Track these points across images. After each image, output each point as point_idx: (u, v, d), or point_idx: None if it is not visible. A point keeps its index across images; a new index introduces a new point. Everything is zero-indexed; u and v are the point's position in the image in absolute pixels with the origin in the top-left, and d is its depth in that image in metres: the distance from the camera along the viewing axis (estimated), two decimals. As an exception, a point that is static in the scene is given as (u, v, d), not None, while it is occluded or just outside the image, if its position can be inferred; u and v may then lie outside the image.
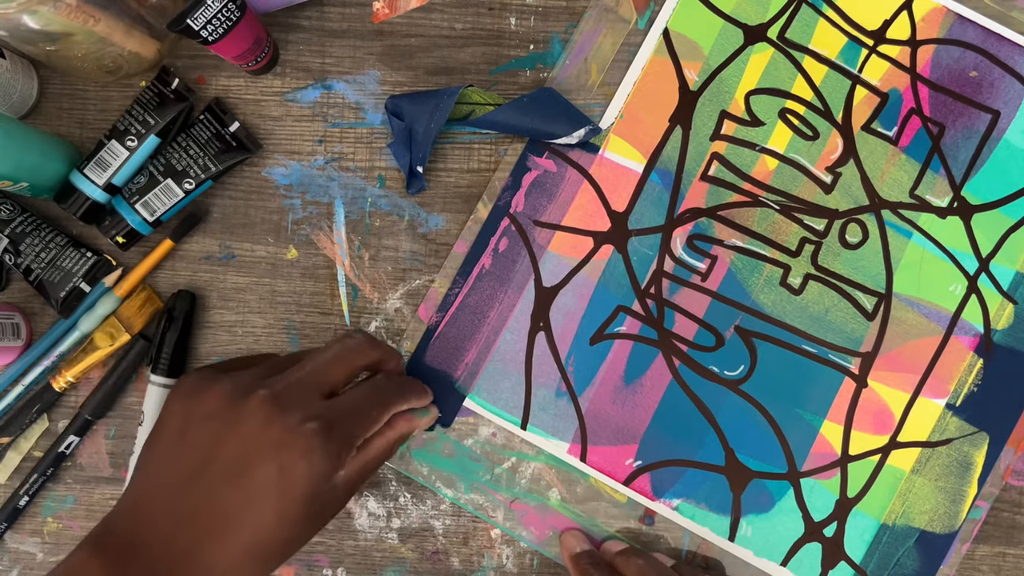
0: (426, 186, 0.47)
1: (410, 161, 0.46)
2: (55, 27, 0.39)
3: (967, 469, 0.46)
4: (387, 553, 0.47)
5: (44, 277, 0.45)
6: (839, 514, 0.46)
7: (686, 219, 0.47)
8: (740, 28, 0.47)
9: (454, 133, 0.48)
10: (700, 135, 0.47)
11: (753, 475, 0.46)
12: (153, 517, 0.36)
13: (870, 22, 0.47)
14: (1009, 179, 0.46)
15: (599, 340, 0.47)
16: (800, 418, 0.46)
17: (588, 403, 0.46)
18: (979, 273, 0.46)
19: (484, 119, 0.46)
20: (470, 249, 0.47)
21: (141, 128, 0.45)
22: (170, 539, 0.35)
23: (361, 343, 0.41)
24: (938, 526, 0.46)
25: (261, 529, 0.36)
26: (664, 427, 0.46)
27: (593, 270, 0.47)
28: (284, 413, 0.36)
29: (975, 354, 0.46)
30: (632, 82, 0.47)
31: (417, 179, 0.46)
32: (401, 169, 0.46)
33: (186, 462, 0.36)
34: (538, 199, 0.47)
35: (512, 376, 0.47)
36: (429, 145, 0.45)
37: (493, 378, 0.47)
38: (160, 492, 0.36)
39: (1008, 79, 0.47)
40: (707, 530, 0.46)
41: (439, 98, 0.45)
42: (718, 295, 0.46)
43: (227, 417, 0.37)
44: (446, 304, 0.47)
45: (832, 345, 0.46)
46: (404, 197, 0.48)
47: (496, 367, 0.47)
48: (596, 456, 0.46)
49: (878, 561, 0.46)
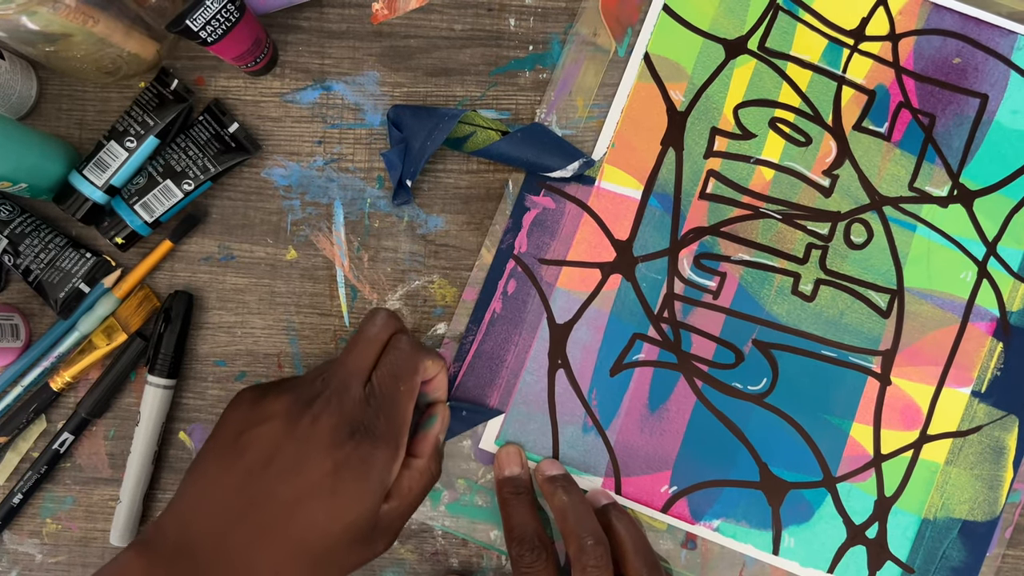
0: (411, 199, 0.47)
1: (401, 174, 0.45)
2: (54, 28, 0.39)
3: (1001, 454, 0.46)
4: (386, 554, 0.47)
5: (43, 278, 0.45)
6: (879, 515, 0.46)
7: (690, 239, 0.47)
8: (720, 43, 0.47)
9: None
10: (693, 154, 0.47)
11: (789, 487, 0.46)
12: (204, 518, 0.36)
13: (848, 21, 0.47)
14: (1005, 161, 0.46)
15: (619, 370, 0.46)
16: (829, 424, 0.46)
17: (616, 435, 0.46)
18: (988, 257, 0.46)
19: (479, 152, 0.46)
20: (479, 296, 0.47)
21: (140, 129, 0.45)
22: (220, 540, 0.35)
23: (385, 320, 0.41)
24: (979, 514, 0.46)
25: (313, 528, 0.36)
26: (695, 450, 0.46)
27: (604, 301, 0.47)
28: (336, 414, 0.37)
29: (994, 338, 0.46)
30: (619, 110, 0.47)
31: (404, 191, 0.46)
32: (391, 178, 0.46)
33: (242, 463, 0.36)
34: (541, 237, 0.47)
35: (537, 417, 0.46)
36: (422, 162, 0.45)
37: (519, 421, 0.46)
38: (213, 493, 0.36)
39: (992, 61, 0.47)
40: (750, 547, 0.46)
41: (440, 118, 0.45)
42: (732, 311, 0.46)
43: (284, 421, 0.37)
44: (461, 353, 0.47)
45: (851, 347, 0.46)
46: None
47: (520, 410, 0.46)
48: (631, 487, 0.46)
49: (924, 556, 0.46)
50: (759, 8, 0.47)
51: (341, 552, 0.37)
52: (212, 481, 0.37)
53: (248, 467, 0.36)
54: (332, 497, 0.36)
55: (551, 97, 0.47)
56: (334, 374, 0.39)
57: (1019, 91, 0.47)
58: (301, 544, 0.36)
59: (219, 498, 0.36)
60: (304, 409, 0.37)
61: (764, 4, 0.47)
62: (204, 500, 0.36)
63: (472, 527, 0.47)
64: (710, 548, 0.46)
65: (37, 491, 0.47)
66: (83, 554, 0.48)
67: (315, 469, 0.36)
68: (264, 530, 0.35)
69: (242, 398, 0.39)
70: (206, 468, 0.37)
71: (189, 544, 0.35)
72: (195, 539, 0.35)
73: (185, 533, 0.35)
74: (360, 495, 0.37)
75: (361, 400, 0.38)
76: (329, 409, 0.37)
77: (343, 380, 0.38)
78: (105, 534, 0.47)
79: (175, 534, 0.35)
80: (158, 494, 0.48)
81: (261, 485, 0.36)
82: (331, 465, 0.36)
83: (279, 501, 0.36)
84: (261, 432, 0.37)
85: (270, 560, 0.35)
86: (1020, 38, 0.47)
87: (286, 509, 0.36)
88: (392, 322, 0.41)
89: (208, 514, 0.36)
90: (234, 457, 0.37)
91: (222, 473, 0.37)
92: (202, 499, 0.36)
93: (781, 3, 0.47)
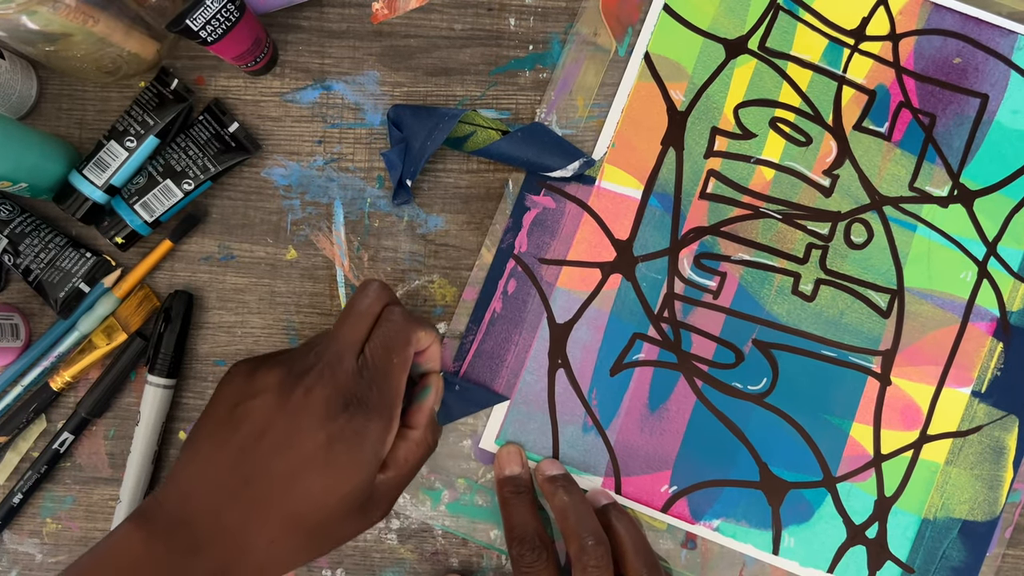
0: (411, 199, 0.47)
1: (401, 174, 0.45)
2: (54, 28, 0.39)
3: (1000, 454, 0.46)
4: (386, 554, 0.47)
5: (43, 278, 0.45)
6: (879, 514, 0.46)
7: (690, 239, 0.47)
8: (720, 43, 0.47)
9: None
10: (694, 154, 0.47)
11: (789, 486, 0.46)
12: (199, 495, 0.36)
13: (848, 21, 0.47)
14: (1005, 161, 0.46)
15: (619, 370, 0.46)
16: (829, 424, 0.46)
17: (616, 435, 0.46)
18: (988, 257, 0.46)
19: (479, 152, 0.46)
20: (479, 295, 0.47)
21: (140, 129, 0.45)
22: (215, 517, 0.35)
23: (377, 291, 0.41)
24: (979, 514, 0.46)
25: (308, 500, 0.36)
26: (695, 449, 0.46)
27: (604, 301, 0.47)
28: (329, 387, 0.37)
29: (994, 338, 0.46)
30: (620, 110, 0.47)
31: (404, 191, 0.46)
32: (391, 178, 0.46)
33: (236, 437, 0.36)
34: (541, 237, 0.47)
35: (537, 417, 0.46)
36: (422, 162, 0.45)
37: (519, 421, 0.46)
38: (208, 467, 0.36)
39: (992, 61, 0.47)
40: (750, 547, 0.46)
41: (440, 118, 0.45)
42: (732, 311, 0.46)
43: (276, 394, 0.37)
44: (462, 353, 0.47)
45: (851, 347, 0.46)
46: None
47: (520, 410, 0.46)
48: (631, 487, 0.46)
49: (924, 556, 0.46)
50: (759, 8, 0.47)
51: (336, 523, 0.37)
52: (206, 458, 0.37)
53: (241, 443, 0.36)
54: (326, 469, 0.36)
55: (551, 97, 0.47)
56: (327, 347, 0.39)
57: (1019, 91, 0.47)
58: (296, 517, 0.36)
59: (213, 476, 0.36)
60: (296, 382, 0.37)
61: (764, 4, 0.47)
62: (199, 477, 0.36)
63: (472, 527, 0.47)
64: (710, 548, 0.46)
65: (37, 491, 0.47)
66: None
67: (308, 442, 0.36)
68: (259, 505, 0.36)
69: (235, 372, 0.39)
70: (200, 445, 0.37)
71: (186, 518, 0.35)
72: (192, 514, 0.35)
73: (183, 508, 0.35)
74: (354, 466, 0.37)
75: (354, 372, 0.38)
76: (322, 382, 0.37)
77: (336, 352, 0.38)
78: (105, 534, 0.47)
79: (173, 507, 0.36)
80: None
81: (255, 460, 0.36)
82: (324, 437, 0.36)
83: (273, 475, 0.36)
84: (254, 406, 0.37)
85: (266, 534, 0.35)
86: (1020, 38, 0.47)
87: (280, 483, 0.36)
88: (384, 294, 0.41)
89: (203, 492, 0.36)
90: (228, 432, 0.37)
91: (216, 449, 0.37)
92: (197, 476, 0.36)
93: (781, 3, 0.47)
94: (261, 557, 0.36)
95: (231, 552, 0.35)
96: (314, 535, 0.37)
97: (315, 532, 0.37)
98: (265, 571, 0.36)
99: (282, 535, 0.36)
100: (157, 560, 0.34)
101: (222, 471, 0.36)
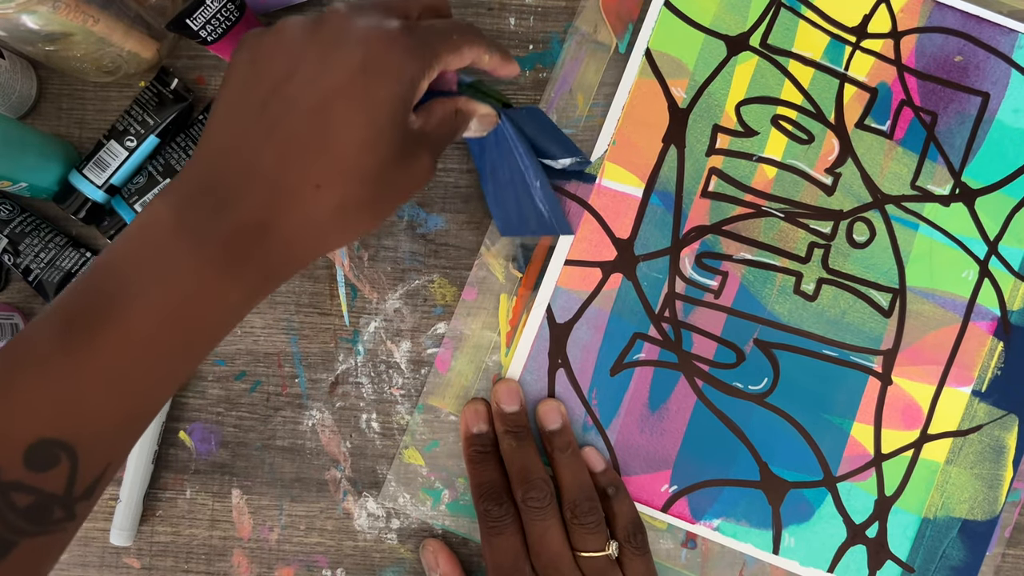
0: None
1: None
2: (54, 27, 0.39)
3: (1001, 453, 0.46)
4: (386, 554, 0.47)
5: (43, 277, 0.45)
6: (879, 514, 0.46)
7: (692, 238, 0.47)
8: (722, 40, 0.47)
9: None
10: (695, 152, 0.47)
11: (789, 486, 0.46)
12: (226, 151, 0.32)
13: (850, 19, 0.47)
14: (1007, 159, 0.46)
15: (620, 370, 0.46)
16: (829, 423, 0.46)
17: (616, 434, 0.46)
18: (989, 256, 0.46)
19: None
20: (478, 295, 0.47)
21: (140, 128, 0.45)
22: (248, 168, 0.32)
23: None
24: (979, 513, 0.46)
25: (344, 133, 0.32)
26: (695, 449, 0.46)
27: (605, 301, 0.46)
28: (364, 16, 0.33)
29: (995, 338, 0.46)
30: (620, 107, 0.47)
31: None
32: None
33: (260, 86, 0.33)
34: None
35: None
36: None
37: (519, 421, 0.46)
38: (233, 123, 0.33)
39: (993, 60, 0.47)
40: (750, 546, 0.46)
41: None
42: (733, 310, 0.46)
43: (303, 28, 0.33)
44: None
45: (852, 346, 0.46)
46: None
47: (520, 409, 0.46)
48: (631, 486, 0.46)
49: (924, 555, 0.46)
50: (761, 4, 0.47)
51: (381, 167, 0.33)
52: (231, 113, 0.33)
53: (269, 87, 0.32)
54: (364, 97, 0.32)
55: (551, 95, 0.47)
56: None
57: (1020, 90, 0.46)
58: (336, 155, 0.32)
59: (239, 128, 0.32)
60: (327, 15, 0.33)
61: (766, 1, 0.47)
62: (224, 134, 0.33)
63: (472, 527, 0.47)
64: (710, 547, 0.46)
65: (35, 491, 0.47)
66: (83, 554, 0.47)
67: (342, 66, 0.32)
68: (292, 143, 0.32)
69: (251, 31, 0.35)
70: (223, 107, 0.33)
71: (212, 181, 0.32)
72: (219, 175, 0.32)
73: (211, 173, 0.32)
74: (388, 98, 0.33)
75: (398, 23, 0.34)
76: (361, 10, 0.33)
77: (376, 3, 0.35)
78: (105, 534, 0.47)
79: (198, 174, 0.32)
80: (158, 493, 0.48)
81: (284, 97, 0.32)
82: (360, 59, 0.32)
83: (305, 108, 0.32)
84: (278, 44, 0.33)
85: (310, 178, 0.32)
86: (1021, 36, 0.47)
87: (315, 117, 0.32)
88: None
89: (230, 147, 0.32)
90: (252, 84, 0.33)
91: (241, 100, 0.33)
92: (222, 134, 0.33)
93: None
94: (310, 208, 0.32)
95: (271, 199, 0.32)
96: (364, 180, 0.33)
97: (363, 176, 0.33)
98: (322, 228, 0.33)
99: (328, 178, 0.32)
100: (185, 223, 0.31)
101: (249, 120, 0.32)
